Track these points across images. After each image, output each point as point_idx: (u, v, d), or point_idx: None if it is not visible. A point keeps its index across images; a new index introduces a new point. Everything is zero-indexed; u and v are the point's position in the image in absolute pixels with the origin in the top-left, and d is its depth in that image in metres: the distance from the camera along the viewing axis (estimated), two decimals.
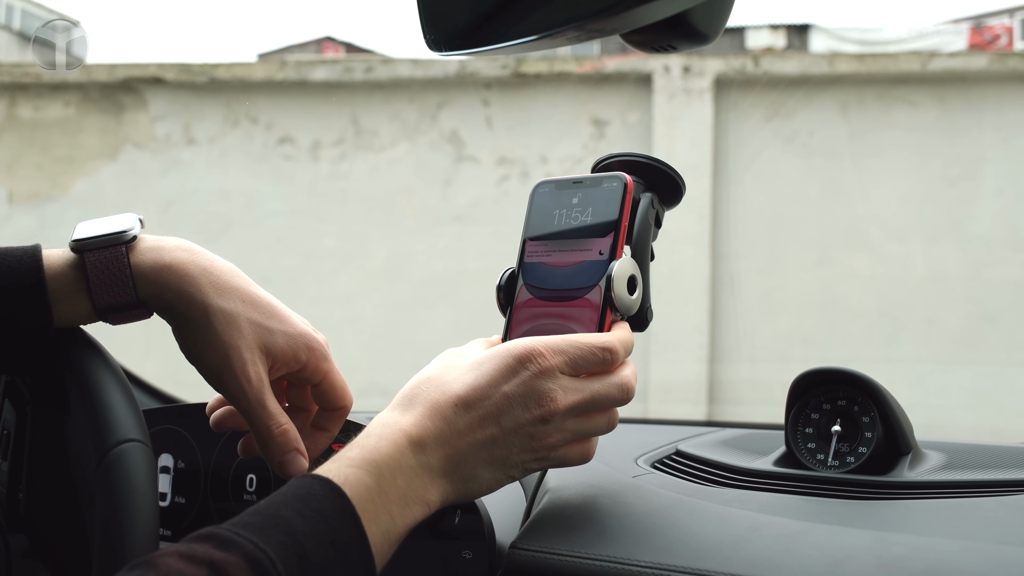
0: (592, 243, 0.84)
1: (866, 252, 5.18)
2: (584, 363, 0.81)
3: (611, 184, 0.85)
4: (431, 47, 0.78)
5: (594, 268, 0.84)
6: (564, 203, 0.86)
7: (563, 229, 0.85)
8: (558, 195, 0.87)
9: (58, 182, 5.77)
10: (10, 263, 0.84)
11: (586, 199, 0.85)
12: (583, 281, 0.84)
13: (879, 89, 5.28)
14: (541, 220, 0.87)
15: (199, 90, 5.72)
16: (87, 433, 0.77)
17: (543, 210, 0.87)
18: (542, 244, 0.86)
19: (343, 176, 5.60)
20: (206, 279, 0.86)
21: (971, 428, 4.81)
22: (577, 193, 0.86)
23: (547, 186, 0.88)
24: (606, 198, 0.85)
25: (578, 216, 0.85)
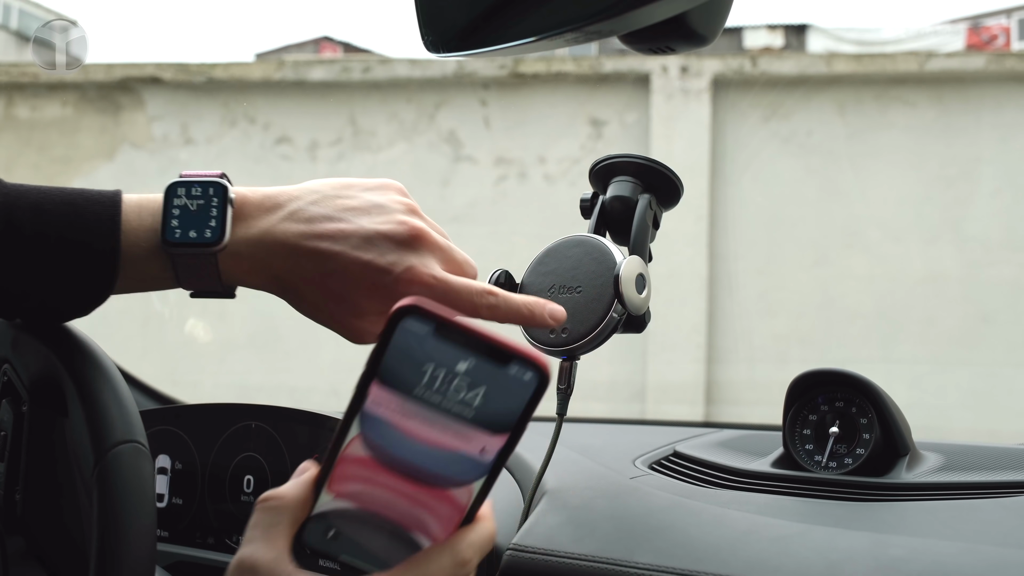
0: (474, 435, 0.57)
1: (864, 252, 5.18)
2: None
3: (521, 372, 0.57)
4: (429, 48, 0.78)
5: (469, 465, 0.58)
6: (444, 360, 0.57)
7: (434, 397, 0.57)
8: (436, 344, 0.57)
9: (55, 182, 5.67)
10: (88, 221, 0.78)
11: (480, 374, 0.57)
12: (452, 473, 0.59)
13: (877, 89, 5.28)
14: (403, 367, 0.57)
15: (197, 90, 5.72)
16: (84, 435, 0.77)
17: (408, 356, 0.57)
18: (397, 398, 0.57)
19: (341, 176, 5.58)
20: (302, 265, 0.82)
21: (969, 429, 4.81)
22: (468, 358, 0.56)
23: (423, 322, 0.57)
24: (510, 388, 0.57)
25: (461, 390, 0.57)
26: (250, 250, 0.80)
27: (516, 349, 0.57)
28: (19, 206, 0.77)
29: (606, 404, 4.90)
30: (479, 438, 0.57)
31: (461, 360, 0.56)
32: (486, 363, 0.56)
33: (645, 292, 0.94)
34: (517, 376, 0.57)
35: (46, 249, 0.76)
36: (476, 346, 0.56)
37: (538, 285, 0.99)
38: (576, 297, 0.96)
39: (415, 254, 0.84)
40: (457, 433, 0.57)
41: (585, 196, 1.04)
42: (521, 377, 0.57)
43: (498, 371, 0.57)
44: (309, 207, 0.82)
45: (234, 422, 1.17)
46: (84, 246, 0.76)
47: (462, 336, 0.56)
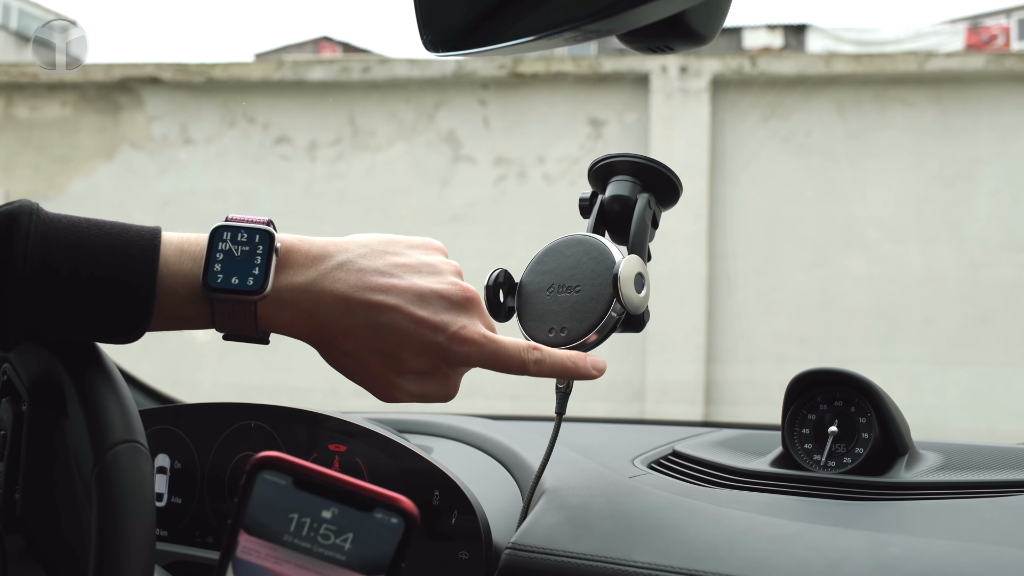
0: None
1: (863, 252, 5.18)
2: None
3: (388, 518, 0.57)
4: (428, 47, 0.78)
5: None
6: (308, 511, 0.57)
7: (304, 543, 0.57)
8: (299, 496, 0.57)
9: (55, 182, 5.76)
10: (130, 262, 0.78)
11: (346, 521, 0.57)
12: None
13: (876, 89, 5.28)
14: (267, 517, 0.57)
15: (196, 90, 5.72)
16: (84, 434, 0.77)
17: (271, 506, 0.57)
18: (267, 546, 0.57)
19: (340, 176, 5.60)
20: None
21: (967, 428, 4.81)
22: (331, 507, 0.57)
23: (280, 475, 0.57)
24: (378, 533, 0.57)
25: (330, 536, 0.57)
26: (295, 298, 0.80)
27: (378, 495, 0.56)
28: (57, 246, 0.76)
29: (605, 404, 4.90)
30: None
31: (324, 508, 0.57)
32: (350, 510, 0.56)
33: (644, 291, 0.94)
34: (384, 521, 0.57)
35: (82, 289, 0.75)
36: (337, 494, 0.56)
37: (537, 284, 0.99)
38: (575, 296, 0.96)
39: (466, 315, 0.84)
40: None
41: (584, 195, 1.04)
42: (388, 521, 0.57)
43: (363, 517, 0.56)
44: (360, 260, 0.82)
45: (233, 421, 1.17)
46: (121, 286, 0.76)
47: (321, 486, 0.57)
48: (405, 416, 1.43)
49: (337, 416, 1.11)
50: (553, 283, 0.98)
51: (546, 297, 0.97)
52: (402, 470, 1.05)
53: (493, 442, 1.23)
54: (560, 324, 0.96)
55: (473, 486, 1.02)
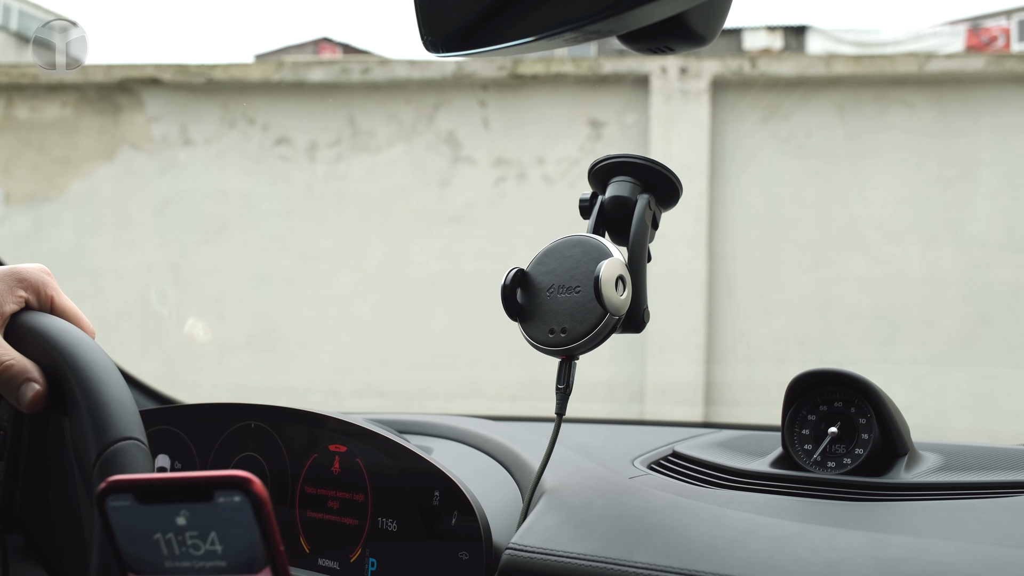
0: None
1: (863, 253, 5.18)
2: None
3: (229, 499, 0.55)
4: (428, 48, 0.78)
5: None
6: (164, 524, 0.55)
7: (183, 562, 0.56)
8: (148, 512, 0.56)
9: (55, 183, 5.76)
10: None
11: (200, 519, 0.55)
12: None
13: (876, 90, 5.28)
14: (138, 547, 0.56)
15: (196, 91, 5.72)
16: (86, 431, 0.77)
17: (134, 533, 0.56)
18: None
19: (340, 177, 5.60)
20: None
21: (967, 430, 4.81)
22: (179, 510, 0.55)
23: (122, 497, 0.56)
24: (233, 519, 0.55)
25: (199, 544, 0.55)
26: None
27: (211, 477, 0.55)
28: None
29: (605, 404, 4.90)
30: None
31: (175, 515, 0.55)
32: (196, 505, 0.55)
33: (625, 293, 0.94)
34: (229, 503, 0.55)
35: None
36: (177, 493, 0.55)
37: (537, 285, 0.99)
38: (575, 297, 0.96)
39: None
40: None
41: (584, 196, 1.04)
42: (232, 502, 0.55)
43: (211, 508, 0.55)
44: None
45: (233, 422, 1.17)
46: None
47: (160, 490, 0.56)
48: (405, 417, 1.43)
49: (337, 416, 1.11)
50: (553, 284, 0.98)
51: (546, 297, 0.98)
52: (402, 470, 1.05)
53: (493, 443, 1.23)
54: (560, 325, 0.96)
55: (473, 487, 1.02)
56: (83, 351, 0.82)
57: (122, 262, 5.61)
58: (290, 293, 5.50)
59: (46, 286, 0.90)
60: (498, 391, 5.02)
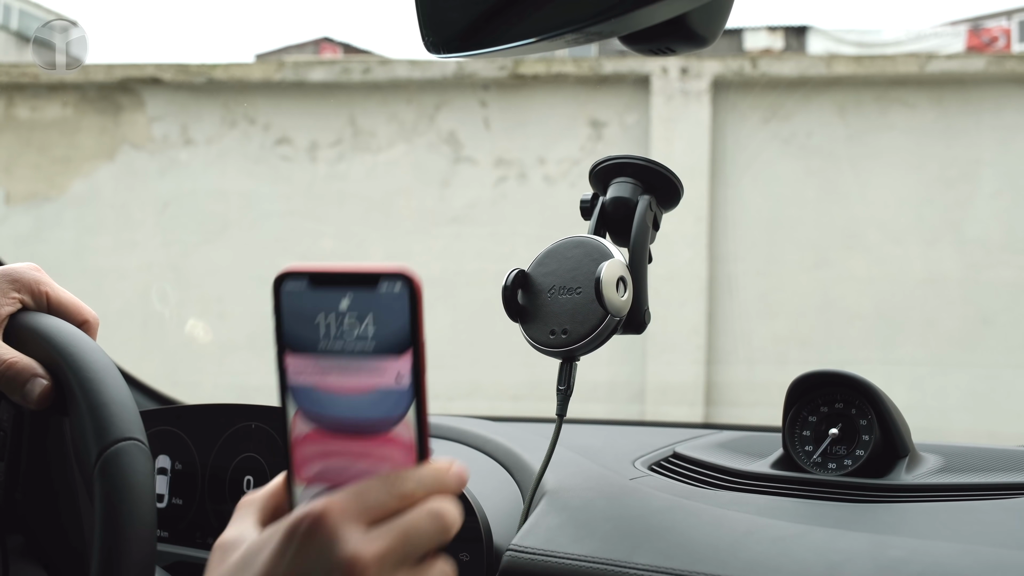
0: (384, 364, 0.62)
1: (864, 254, 5.18)
2: (376, 504, 0.61)
3: (391, 287, 0.62)
4: (429, 49, 0.78)
5: (393, 398, 0.62)
6: (328, 306, 0.63)
7: (336, 343, 0.63)
8: (317, 295, 0.64)
9: (55, 182, 5.77)
10: None
11: (361, 304, 0.62)
12: (382, 412, 0.63)
13: (877, 91, 5.28)
14: (301, 328, 0.64)
15: (197, 91, 5.72)
16: (86, 431, 0.78)
17: (300, 315, 0.65)
18: (311, 361, 0.64)
19: (341, 177, 5.60)
20: None
21: (968, 430, 4.81)
22: (345, 294, 0.63)
23: (298, 281, 0.65)
24: (389, 305, 0.62)
25: (354, 326, 0.62)
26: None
27: (378, 269, 0.63)
28: None
29: (606, 405, 4.90)
30: (389, 366, 0.62)
31: (340, 299, 0.63)
32: (360, 292, 0.62)
33: (626, 295, 0.94)
34: (390, 292, 0.62)
35: None
36: (345, 280, 0.63)
37: (538, 286, 0.99)
38: (576, 298, 0.96)
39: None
40: (370, 370, 0.62)
41: (585, 197, 1.04)
42: (393, 291, 0.62)
43: (373, 295, 0.62)
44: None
45: (234, 423, 1.17)
46: None
47: (331, 277, 0.63)
48: None
49: None
50: (554, 285, 0.98)
51: (547, 299, 0.98)
52: None
53: (494, 443, 1.23)
54: (561, 326, 0.96)
55: (474, 487, 1.02)
56: (83, 351, 0.82)
57: (123, 262, 5.61)
58: None
59: (39, 283, 0.90)
60: (499, 391, 5.01)
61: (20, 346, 0.85)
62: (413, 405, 0.63)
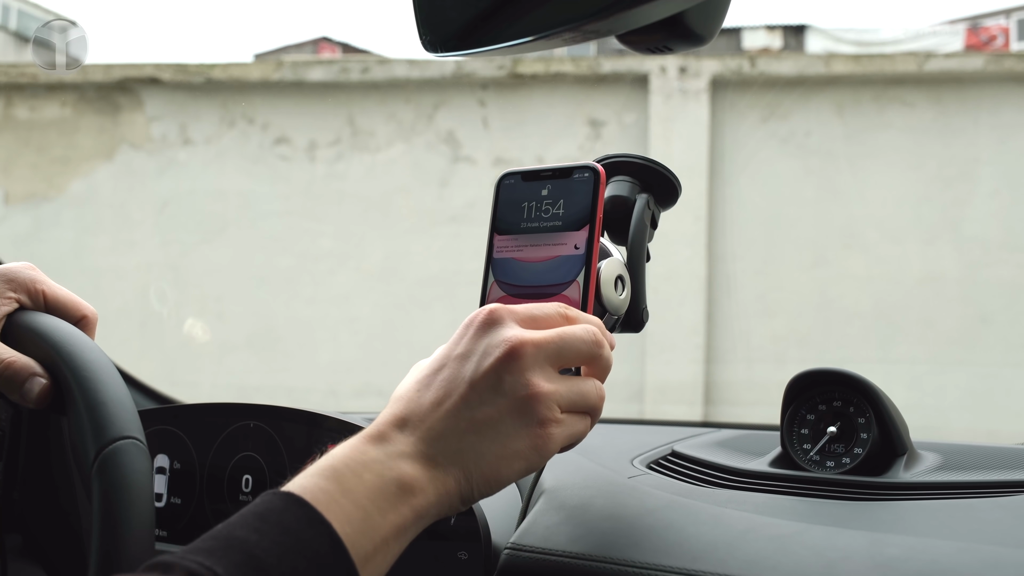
0: (566, 237, 0.80)
1: (862, 253, 5.18)
2: (541, 315, 0.75)
3: (582, 175, 0.81)
4: (427, 48, 0.78)
5: (570, 263, 0.80)
6: (533, 195, 0.82)
7: (533, 223, 0.82)
8: (526, 187, 0.83)
9: (54, 182, 5.76)
10: None
11: (557, 191, 0.81)
12: (559, 277, 0.80)
13: (875, 90, 5.28)
14: (509, 213, 0.83)
15: (195, 90, 5.72)
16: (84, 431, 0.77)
17: (511, 203, 0.83)
18: (512, 239, 0.82)
19: (339, 176, 5.60)
20: None
21: (967, 429, 4.81)
22: (546, 184, 0.82)
23: (514, 177, 0.84)
24: (578, 189, 0.80)
25: (549, 209, 0.81)
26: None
27: (574, 164, 0.82)
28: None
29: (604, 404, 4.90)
30: (570, 238, 0.80)
31: (543, 188, 0.83)
32: (558, 181, 0.82)
33: (624, 293, 0.94)
34: (580, 178, 0.81)
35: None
36: (548, 174, 0.83)
37: None
38: None
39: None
40: (555, 243, 0.81)
41: None
42: (583, 177, 0.81)
43: (567, 182, 0.82)
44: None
45: (232, 422, 1.17)
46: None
47: (538, 172, 0.83)
48: None
49: (336, 416, 1.11)
50: None
51: None
52: None
53: None
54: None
55: None
56: (80, 350, 0.82)
57: (122, 262, 5.61)
58: (290, 293, 5.50)
59: (35, 282, 0.90)
60: None
61: (18, 346, 0.85)
62: (583, 270, 0.79)
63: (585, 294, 0.78)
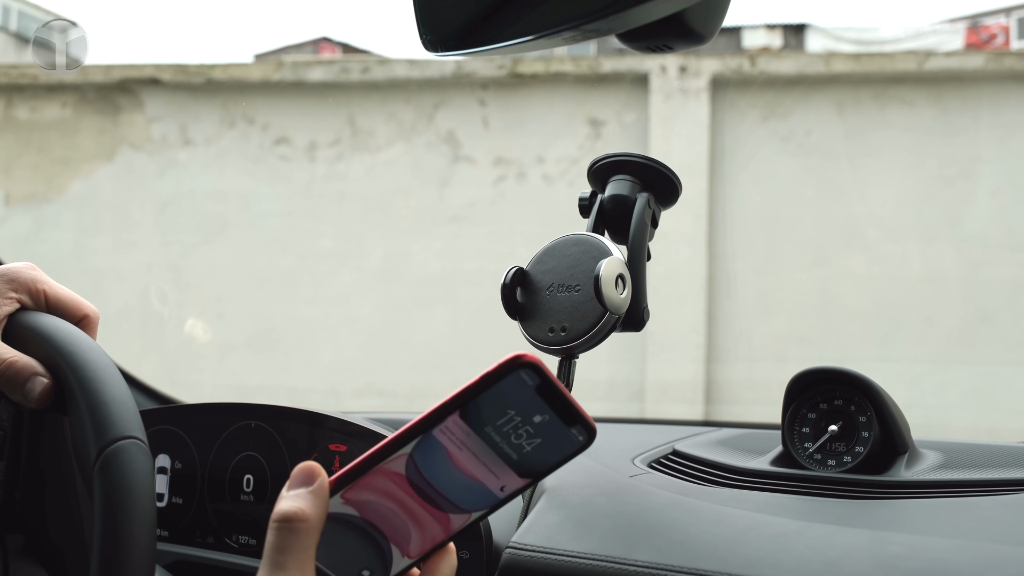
0: (507, 475, 0.64)
1: (863, 252, 5.18)
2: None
3: (578, 435, 0.63)
4: (427, 47, 0.78)
5: (485, 498, 0.64)
6: (527, 412, 0.63)
7: (496, 436, 0.63)
8: (530, 397, 0.62)
9: (54, 183, 5.76)
10: None
11: (547, 430, 0.62)
12: (463, 501, 0.64)
13: (875, 89, 5.28)
14: (491, 408, 0.62)
15: (195, 91, 5.72)
16: (85, 431, 0.78)
17: (503, 398, 0.62)
18: (465, 432, 0.63)
19: (340, 177, 5.60)
20: None
21: (968, 427, 4.81)
22: (547, 415, 0.62)
23: (533, 377, 0.62)
24: (561, 444, 0.63)
25: (522, 437, 0.63)
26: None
27: (585, 415, 0.63)
28: None
29: (605, 403, 4.90)
30: (508, 478, 0.63)
31: (539, 414, 0.62)
32: (558, 421, 0.62)
33: (625, 292, 0.94)
34: (574, 436, 0.63)
35: None
36: (559, 406, 0.62)
37: (537, 284, 0.99)
38: (575, 296, 0.96)
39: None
40: (494, 471, 0.63)
41: (584, 195, 1.05)
42: (576, 437, 0.63)
43: (563, 429, 0.63)
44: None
45: (234, 422, 1.17)
46: None
47: (554, 396, 0.62)
48: (405, 416, 1.43)
49: (337, 416, 1.11)
50: (553, 282, 0.98)
51: (546, 296, 0.98)
52: None
53: None
54: (560, 323, 0.96)
55: None
56: (82, 350, 0.82)
57: (122, 262, 5.61)
58: (290, 293, 5.50)
59: (36, 282, 0.90)
60: None
61: (19, 346, 0.85)
62: (487, 511, 0.65)
63: (464, 530, 0.65)
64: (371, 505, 0.64)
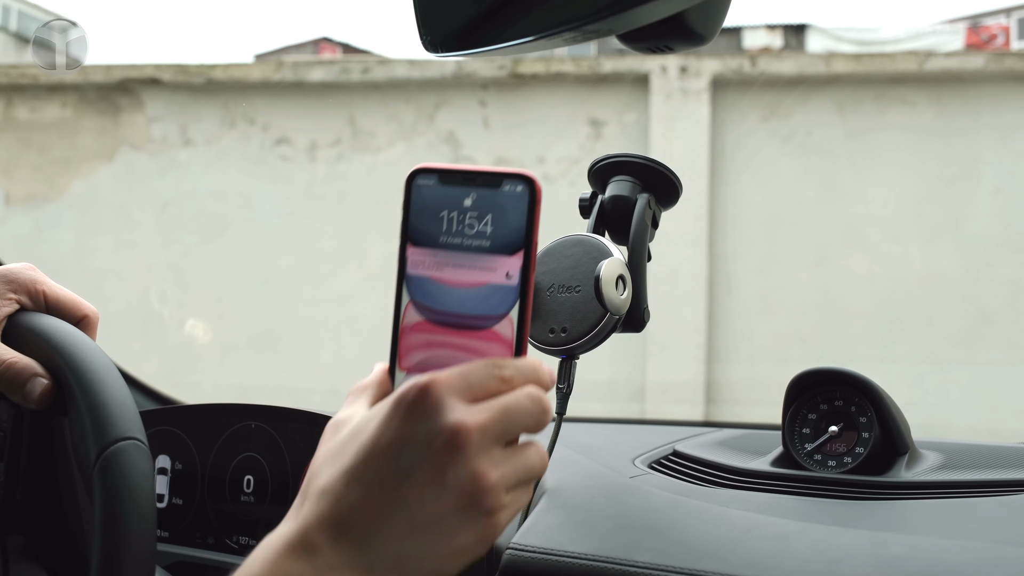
0: (496, 262, 0.66)
1: (863, 252, 5.18)
2: (477, 382, 0.64)
3: (514, 188, 0.66)
4: (428, 48, 0.78)
5: (501, 295, 0.66)
6: (454, 203, 0.66)
7: (454, 238, 0.66)
8: (444, 191, 0.66)
9: (55, 183, 5.77)
10: None
11: (483, 202, 0.66)
12: (489, 309, 0.66)
13: (876, 89, 5.28)
14: (424, 222, 0.67)
15: (196, 91, 5.72)
16: (85, 432, 0.78)
17: (426, 209, 0.67)
18: (429, 254, 0.67)
19: (340, 177, 5.60)
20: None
21: (968, 428, 4.81)
22: (470, 193, 0.66)
23: (429, 177, 0.67)
24: (509, 205, 0.65)
25: (474, 224, 0.66)
26: None
27: (504, 170, 0.66)
28: None
29: (606, 404, 4.90)
30: (501, 263, 0.66)
31: (465, 196, 0.66)
32: (485, 190, 0.66)
33: (626, 293, 0.94)
34: (511, 192, 0.66)
35: None
36: (473, 179, 0.66)
37: (537, 284, 0.99)
38: (575, 296, 0.96)
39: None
40: (482, 267, 0.66)
41: (584, 196, 1.04)
42: (515, 191, 0.66)
43: (496, 193, 0.66)
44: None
45: (234, 422, 1.17)
46: None
47: (460, 175, 0.67)
48: None
49: None
50: (553, 283, 0.98)
51: (546, 297, 0.98)
52: None
53: None
54: (560, 324, 0.96)
55: None
56: (82, 351, 0.82)
57: (123, 263, 5.61)
58: (291, 293, 5.50)
59: (36, 283, 0.90)
60: None
61: (19, 347, 0.85)
62: (517, 304, 0.66)
63: (520, 334, 0.66)
64: (429, 362, 0.67)
